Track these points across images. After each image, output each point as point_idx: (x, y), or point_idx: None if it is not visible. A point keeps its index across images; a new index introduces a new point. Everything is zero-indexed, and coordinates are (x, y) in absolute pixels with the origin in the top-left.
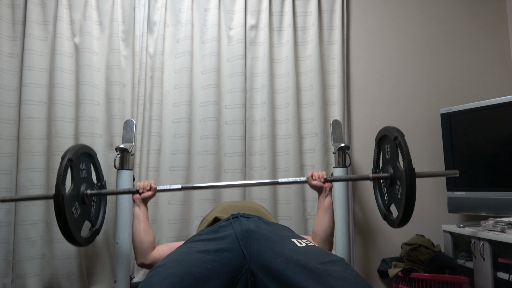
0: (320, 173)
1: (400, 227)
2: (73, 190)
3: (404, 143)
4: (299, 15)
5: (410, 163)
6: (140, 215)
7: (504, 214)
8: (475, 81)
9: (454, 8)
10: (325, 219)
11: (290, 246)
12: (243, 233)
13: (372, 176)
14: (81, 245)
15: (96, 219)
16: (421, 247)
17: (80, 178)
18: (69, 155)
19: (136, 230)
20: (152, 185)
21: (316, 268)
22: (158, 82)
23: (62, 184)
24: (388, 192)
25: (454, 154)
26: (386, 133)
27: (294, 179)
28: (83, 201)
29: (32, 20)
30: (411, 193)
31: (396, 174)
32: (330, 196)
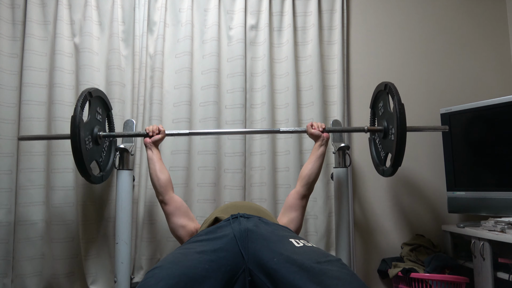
0: (319, 124)
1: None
2: (88, 124)
3: (394, 87)
4: (299, 15)
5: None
6: (154, 157)
7: (504, 214)
8: (475, 81)
9: (454, 8)
10: (314, 164)
11: (287, 246)
12: (242, 233)
13: (367, 127)
14: (89, 178)
15: (105, 164)
16: (421, 247)
17: (95, 118)
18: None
19: (152, 171)
20: (161, 128)
21: (312, 267)
22: (158, 82)
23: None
24: (383, 144)
25: (454, 154)
26: (379, 88)
27: (294, 128)
28: (96, 141)
29: (32, 20)
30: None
31: (389, 122)
32: (325, 146)
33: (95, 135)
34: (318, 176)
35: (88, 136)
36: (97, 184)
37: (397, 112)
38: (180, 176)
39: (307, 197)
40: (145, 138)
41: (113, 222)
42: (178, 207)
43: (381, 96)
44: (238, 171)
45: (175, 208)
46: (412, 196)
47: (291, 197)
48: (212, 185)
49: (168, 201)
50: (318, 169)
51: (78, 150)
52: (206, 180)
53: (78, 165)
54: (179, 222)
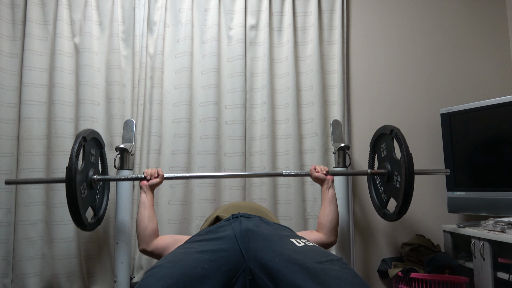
0: (322, 167)
1: (399, 217)
2: (83, 171)
3: (401, 133)
4: (299, 15)
5: (407, 149)
6: (146, 201)
7: (504, 214)
8: (475, 81)
9: (454, 8)
10: (330, 209)
11: (288, 246)
12: (242, 233)
13: (370, 171)
14: (85, 227)
15: (99, 208)
16: (421, 247)
17: (89, 161)
18: (84, 134)
19: (141, 216)
20: (160, 172)
21: (314, 267)
22: (158, 82)
23: (76, 158)
24: (385, 187)
25: (454, 154)
26: (382, 131)
27: (297, 171)
28: (91, 185)
29: (32, 20)
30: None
31: (394, 167)
32: (333, 188)
33: (89, 180)
34: (338, 218)
35: (83, 183)
36: (92, 231)
37: (406, 162)
38: None
39: (329, 247)
40: (141, 181)
41: (113, 222)
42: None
43: (384, 138)
44: (238, 171)
45: (163, 250)
46: (412, 196)
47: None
48: (212, 185)
49: (153, 250)
50: (336, 212)
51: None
52: (206, 180)
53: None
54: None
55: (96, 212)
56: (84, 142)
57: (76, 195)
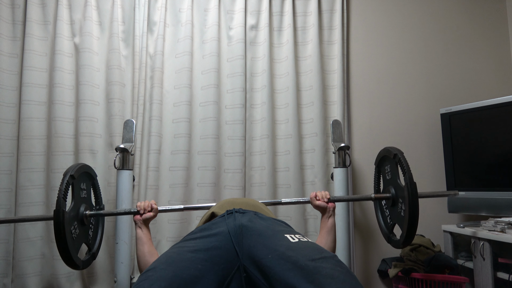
0: (323, 193)
1: (405, 246)
2: (73, 209)
3: (404, 159)
4: (299, 15)
5: (411, 178)
6: (143, 237)
7: (504, 214)
8: (475, 81)
9: (454, 8)
10: (327, 240)
11: (282, 242)
12: (236, 229)
13: (374, 196)
14: (78, 268)
15: (93, 242)
16: (421, 247)
17: (80, 197)
18: (72, 172)
19: (141, 253)
20: (153, 205)
21: (306, 265)
22: (158, 82)
23: (63, 200)
24: (391, 212)
25: (454, 154)
26: (385, 153)
27: (297, 199)
28: (82, 222)
29: (32, 20)
30: (414, 207)
31: (398, 193)
32: (333, 216)
33: (81, 216)
34: (334, 250)
35: (74, 223)
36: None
37: (409, 191)
38: (180, 176)
39: None
40: (135, 216)
41: (113, 222)
42: None
43: (388, 161)
44: (238, 171)
45: None
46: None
47: None
48: (212, 185)
49: None
50: (333, 243)
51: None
52: (206, 180)
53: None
54: None
55: (90, 248)
56: (72, 180)
57: (66, 239)
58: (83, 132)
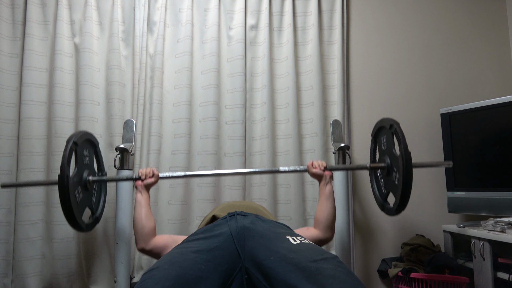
0: (320, 162)
1: (398, 213)
2: (76, 174)
3: (400, 129)
4: (299, 15)
5: (406, 147)
6: (142, 201)
7: (504, 214)
8: (475, 81)
9: (454, 8)
10: (327, 206)
11: (284, 244)
12: (238, 231)
13: (370, 165)
14: (82, 230)
15: (96, 207)
16: (421, 247)
17: (83, 164)
18: (74, 138)
19: (138, 215)
20: (155, 172)
21: (308, 266)
22: (158, 82)
23: (67, 165)
24: (385, 181)
25: (454, 154)
26: (382, 124)
27: (294, 167)
28: (85, 187)
29: (32, 20)
30: (407, 175)
31: (393, 162)
32: (331, 183)
33: (84, 182)
34: (335, 215)
35: (78, 187)
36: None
37: (403, 160)
38: None
39: (325, 243)
40: (136, 181)
41: (113, 222)
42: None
43: (384, 131)
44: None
45: (162, 249)
46: (412, 196)
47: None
48: (212, 185)
49: (152, 249)
50: (332, 208)
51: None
52: (206, 180)
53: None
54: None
55: (93, 212)
56: (75, 146)
57: (70, 202)
58: None
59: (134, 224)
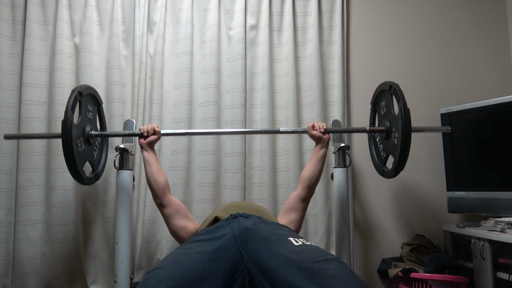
0: (320, 124)
1: (397, 173)
2: (79, 125)
3: (399, 89)
4: (299, 15)
5: (405, 104)
6: (150, 158)
7: (504, 214)
8: (475, 81)
9: (454, 8)
10: (316, 166)
11: (286, 246)
12: (241, 232)
13: (369, 128)
14: (83, 181)
15: (97, 163)
16: (421, 247)
17: (86, 117)
18: (80, 89)
19: (149, 172)
20: (156, 128)
21: (310, 267)
22: (158, 82)
23: (72, 112)
24: (384, 145)
25: (454, 154)
26: (382, 88)
27: (294, 128)
28: (88, 140)
29: (32, 20)
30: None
31: (392, 123)
32: (326, 147)
33: (86, 135)
34: (319, 178)
35: (80, 138)
36: (91, 184)
37: (403, 117)
38: (180, 176)
39: (308, 200)
40: (139, 139)
41: (113, 222)
42: (177, 209)
43: (384, 95)
44: (238, 171)
45: (175, 210)
46: (412, 196)
47: (292, 199)
48: (212, 185)
49: (167, 204)
50: (320, 171)
51: (70, 154)
52: (206, 180)
53: (71, 169)
54: (179, 224)
55: (94, 168)
56: (80, 97)
57: (72, 148)
58: None
59: (148, 181)
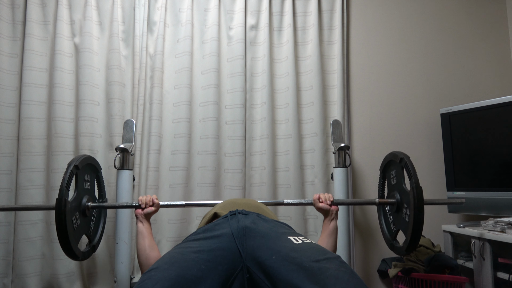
0: (326, 196)
1: (408, 253)
2: (76, 199)
3: (411, 164)
4: (299, 15)
5: (417, 182)
6: (144, 231)
7: (504, 214)
8: (475, 81)
9: (454, 8)
10: (328, 242)
11: (286, 243)
12: (239, 230)
13: (379, 201)
14: (78, 258)
15: (94, 234)
16: (421, 247)
17: (83, 188)
18: (76, 162)
19: (141, 247)
20: (155, 200)
21: (311, 266)
22: (158, 82)
23: (66, 189)
24: (394, 218)
25: (454, 154)
26: (392, 158)
27: (299, 200)
28: (84, 213)
29: (32, 20)
30: (419, 212)
31: (403, 198)
32: (335, 220)
33: (83, 207)
34: (335, 249)
35: (76, 213)
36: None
37: (415, 196)
38: (180, 176)
39: None
40: (136, 210)
41: (113, 222)
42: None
43: (394, 165)
44: (238, 171)
45: None
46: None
47: None
48: (212, 185)
49: None
50: (334, 246)
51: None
52: (206, 180)
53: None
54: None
55: (91, 240)
56: (76, 170)
57: (66, 228)
58: (83, 132)
59: (138, 255)
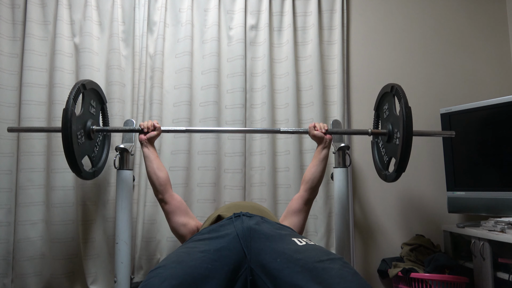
0: (321, 124)
1: (398, 175)
2: (81, 117)
3: (401, 89)
4: (299, 15)
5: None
6: (150, 155)
7: (504, 214)
8: (475, 81)
9: (454, 8)
10: (318, 168)
11: (290, 245)
12: (244, 232)
13: (371, 131)
14: (80, 173)
15: (97, 160)
16: (421, 247)
17: (88, 111)
18: (84, 81)
19: (150, 168)
20: (156, 124)
21: (315, 267)
22: (158, 82)
23: (74, 102)
24: (386, 148)
25: (454, 154)
26: (385, 90)
27: (295, 129)
28: (89, 135)
29: (32, 20)
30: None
31: (394, 125)
32: (328, 148)
33: (88, 129)
34: (322, 179)
35: (81, 130)
36: (88, 180)
37: (403, 115)
38: (180, 176)
39: (311, 202)
40: (139, 135)
41: (113, 222)
42: (178, 205)
43: (387, 98)
44: (238, 171)
45: (176, 207)
46: (412, 196)
47: (295, 202)
48: (212, 185)
49: (168, 200)
50: (322, 172)
51: (69, 144)
52: (206, 180)
53: (69, 159)
54: (180, 220)
55: (93, 164)
56: (83, 89)
57: (71, 138)
58: None
59: (149, 177)
